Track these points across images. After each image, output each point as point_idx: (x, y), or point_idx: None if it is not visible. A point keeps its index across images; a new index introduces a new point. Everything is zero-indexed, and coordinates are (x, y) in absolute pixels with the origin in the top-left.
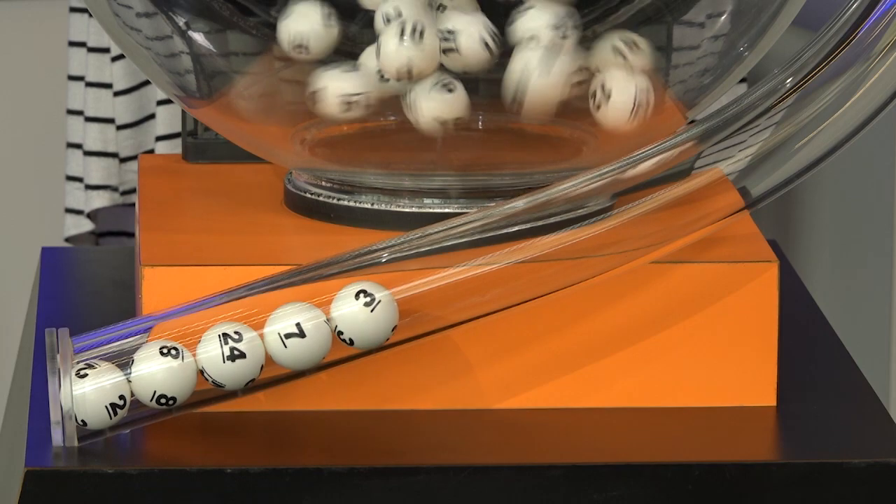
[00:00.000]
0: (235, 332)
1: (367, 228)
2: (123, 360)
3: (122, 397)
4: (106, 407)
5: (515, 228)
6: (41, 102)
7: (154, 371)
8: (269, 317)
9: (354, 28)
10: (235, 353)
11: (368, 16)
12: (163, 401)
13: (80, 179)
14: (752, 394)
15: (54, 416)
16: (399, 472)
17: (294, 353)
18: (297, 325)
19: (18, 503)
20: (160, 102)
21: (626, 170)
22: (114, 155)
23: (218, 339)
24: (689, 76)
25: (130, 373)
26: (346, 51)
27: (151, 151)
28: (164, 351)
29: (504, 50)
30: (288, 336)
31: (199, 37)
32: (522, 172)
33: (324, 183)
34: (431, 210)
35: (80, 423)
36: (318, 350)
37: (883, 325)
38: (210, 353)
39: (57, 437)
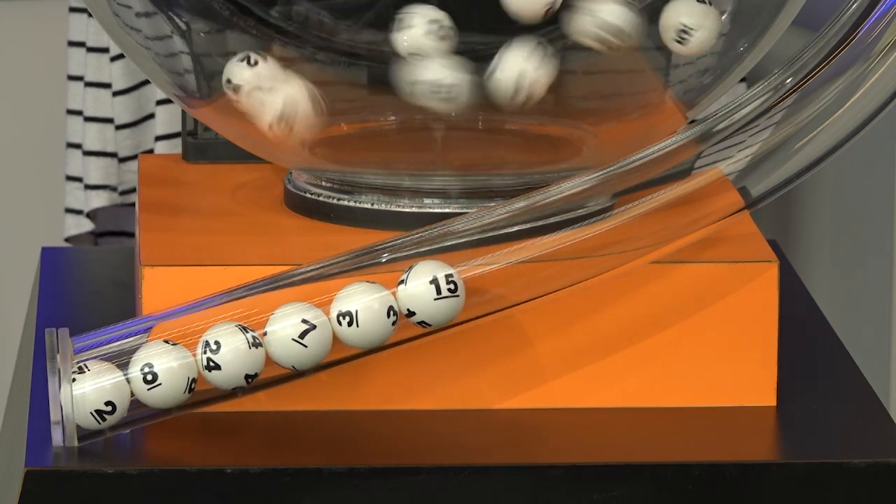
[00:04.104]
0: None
1: (367, 228)
2: (123, 360)
3: (108, 402)
4: (99, 406)
5: (515, 228)
6: (41, 102)
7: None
8: (270, 317)
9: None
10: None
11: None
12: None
13: (79, 179)
14: (752, 394)
15: (54, 416)
16: (399, 472)
17: (296, 354)
18: (304, 320)
19: (18, 503)
20: (159, 102)
21: (626, 170)
22: (113, 155)
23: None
24: (689, 76)
25: (128, 372)
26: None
27: (150, 151)
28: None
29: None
30: (301, 333)
31: (199, 37)
32: (522, 172)
33: (324, 183)
34: (431, 210)
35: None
36: (318, 350)
37: (883, 325)
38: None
39: (57, 437)
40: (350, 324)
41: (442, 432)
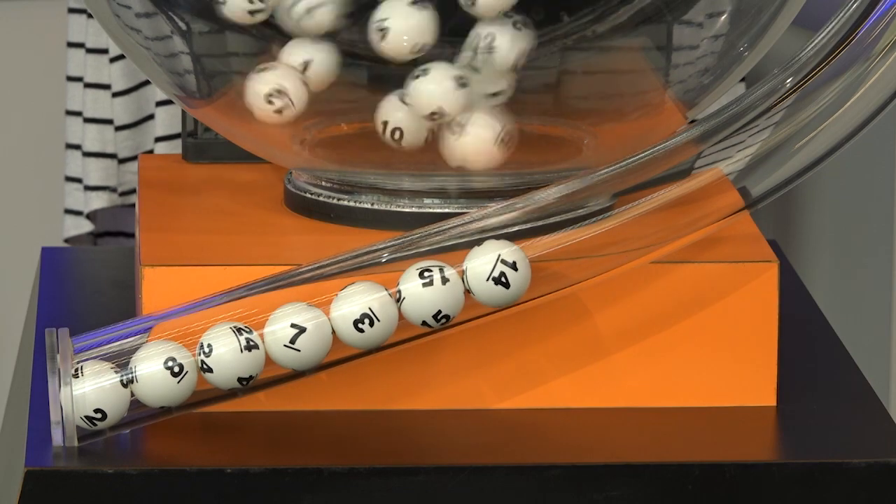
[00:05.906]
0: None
1: (367, 228)
2: (123, 360)
3: (107, 403)
4: (98, 406)
5: (516, 228)
6: (40, 103)
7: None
8: (270, 317)
9: None
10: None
11: None
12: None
13: (79, 180)
14: (752, 394)
15: (54, 416)
16: (399, 472)
17: (290, 357)
18: (294, 325)
19: (18, 503)
20: (159, 103)
21: (626, 170)
22: (112, 156)
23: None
24: (689, 76)
25: (134, 380)
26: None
27: (150, 152)
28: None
29: None
30: (292, 339)
31: (199, 37)
32: (522, 172)
33: (324, 183)
34: (431, 210)
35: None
36: (312, 353)
37: (883, 325)
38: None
39: (57, 437)
40: (371, 324)
41: (442, 432)
